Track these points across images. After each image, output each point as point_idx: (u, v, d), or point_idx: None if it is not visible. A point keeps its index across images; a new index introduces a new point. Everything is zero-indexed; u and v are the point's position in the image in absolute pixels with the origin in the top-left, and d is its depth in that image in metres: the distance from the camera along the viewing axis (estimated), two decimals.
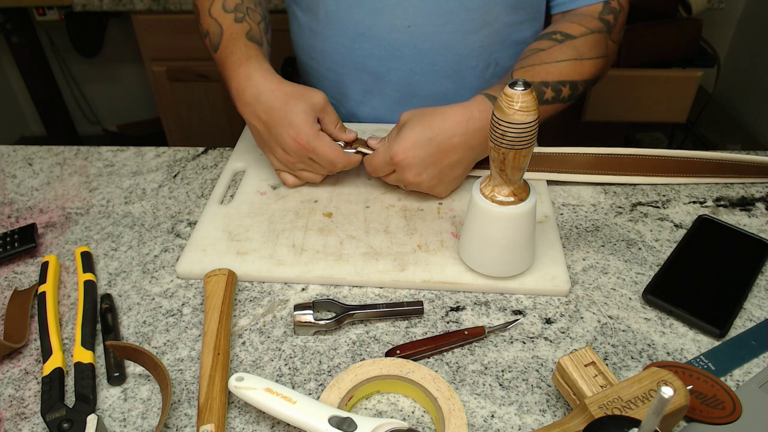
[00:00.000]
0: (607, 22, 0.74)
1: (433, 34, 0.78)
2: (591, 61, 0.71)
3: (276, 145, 0.69)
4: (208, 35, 0.75)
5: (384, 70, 0.82)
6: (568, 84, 0.69)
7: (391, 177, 0.69)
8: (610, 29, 0.74)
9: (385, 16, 0.77)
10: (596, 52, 0.71)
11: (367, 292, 0.61)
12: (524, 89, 0.48)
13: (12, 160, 0.82)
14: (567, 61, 0.69)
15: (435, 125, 0.64)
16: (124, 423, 0.50)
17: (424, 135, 0.64)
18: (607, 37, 0.73)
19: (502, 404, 0.50)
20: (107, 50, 2.33)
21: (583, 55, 0.70)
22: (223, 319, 0.55)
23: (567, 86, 0.69)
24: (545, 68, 0.69)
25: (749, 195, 0.73)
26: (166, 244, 0.68)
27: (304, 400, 0.46)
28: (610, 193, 0.73)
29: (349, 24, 0.79)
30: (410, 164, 0.65)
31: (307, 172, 0.71)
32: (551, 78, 0.68)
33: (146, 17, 1.67)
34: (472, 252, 0.60)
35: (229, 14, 0.75)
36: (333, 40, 0.82)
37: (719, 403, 0.48)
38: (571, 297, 0.60)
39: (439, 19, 0.76)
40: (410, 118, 0.66)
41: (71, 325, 0.58)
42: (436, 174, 0.66)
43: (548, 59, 0.69)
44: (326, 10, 0.79)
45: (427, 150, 0.64)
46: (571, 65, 0.69)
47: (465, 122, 0.65)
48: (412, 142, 0.64)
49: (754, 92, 2.03)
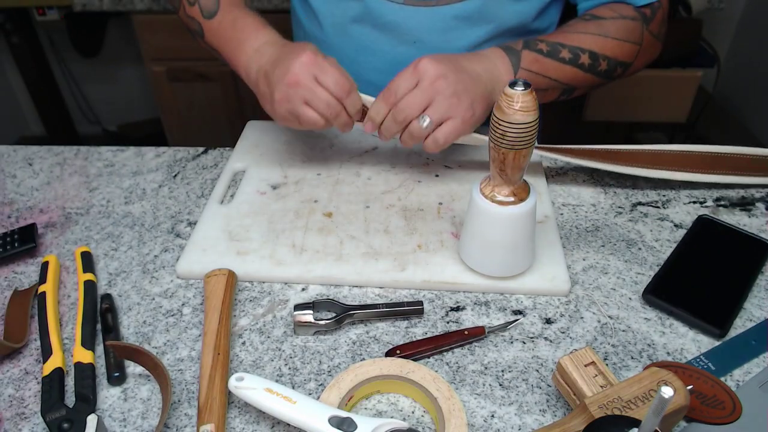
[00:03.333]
0: (644, 13, 0.72)
1: (438, 50, 0.76)
2: (617, 42, 0.69)
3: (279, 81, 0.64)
4: (198, 3, 0.73)
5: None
6: (588, 52, 0.68)
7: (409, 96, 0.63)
8: (646, 20, 0.72)
9: (390, 31, 0.77)
10: (625, 35, 0.70)
11: (367, 292, 0.61)
12: (524, 89, 0.48)
13: (12, 160, 0.82)
14: (588, 34, 0.68)
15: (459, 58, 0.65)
16: (124, 423, 0.50)
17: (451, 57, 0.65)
18: (642, 27, 0.71)
19: (502, 404, 0.50)
20: (107, 50, 2.32)
21: (608, 33, 0.68)
22: (223, 319, 0.55)
23: (586, 54, 0.68)
24: (563, 35, 0.68)
25: (749, 195, 0.73)
26: (166, 244, 0.68)
27: (304, 400, 0.46)
28: (610, 193, 0.73)
29: (353, 37, 0.79)
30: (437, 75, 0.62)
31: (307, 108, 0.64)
32: (569, 42, 0.67)
33: (146, 17, 1.67)
34: (472, 252, 0.60)
35: None
36: (337, 52, 0.81)
37: (719, 403, 0.48)
38: (571, 297, 0.60)
39: (444, 35, 0.76)
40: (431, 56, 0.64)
41: (71, 325, 0.58)
42: (459, 80, 0.63)
43: (569, 30, 0.69)
44: (332, 22, 0.79)
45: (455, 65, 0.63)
46: (592, 38, 0.68)
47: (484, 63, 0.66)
48: (438, 58, 0.63)
49: (754, 92, 2.03)
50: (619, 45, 0.69)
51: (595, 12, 0.72)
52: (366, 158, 0.78)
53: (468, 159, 0.78)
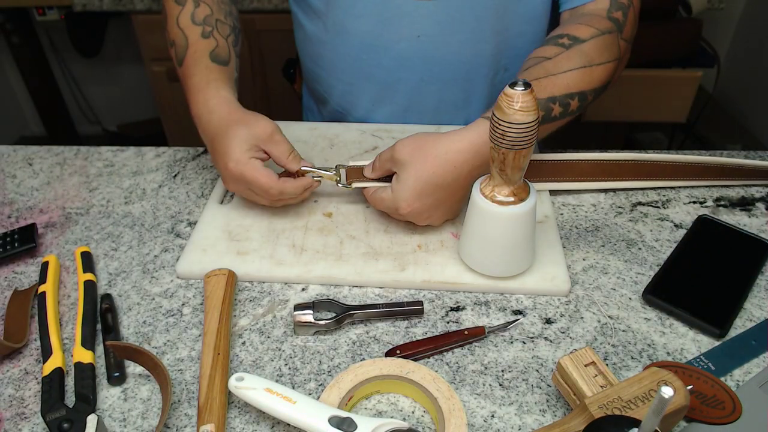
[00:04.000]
0: (617, 20, 0.69)
1: (442, 43, 0.77)
2: (602, 67, 0.65)
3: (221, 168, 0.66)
4: (174, 45, 0.72)
5: (393, 80, 0.81)
6: (577, 96, 0.64)
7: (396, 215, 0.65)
8: (620, 28, 0.69)
9: (394, 26, 0.76)
10: (607, 56, 0.66)
11: (367, 292, 0.61)
12: (524, 89, 0.48)
13: (12, 160, 0.82)
14: (575, 71, 0.63)
15: (438, 169, 0.59)
16: (124, 423, 0.50)
17: (429, 182, 0.60)
18: (618, 37, 0.68)
19: (502, 404, 0.50)
20: (107, 50, 2.32)
21: (593, 61, 0.64)
22: (223, 319, 0.55)
23: (576, 98, 0.64)
24: (552, 81, 0.63)
25: (749, 195, 0.73)
26: (166, 244, 0.68)
27: (304, 400, 0.46)
28: (610, 193, 0.73)
29: (357, 34, 0.78)
30: (418, 213, 0.62)
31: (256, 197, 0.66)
32: (558, 91, 0.63)
33: (146, 17, 1.67)
34: (472, 252, 0.60)
35: (197, 27, 0.71)
36: (341, 49, 0.81)
37: (719, 403, 0.48)
38: (571, 297, 0.60)
39: (449, 28, 0.76)
40: (409, 159, 0.60)
41: (71, 325, 0.58)
42: (447, 210, 0.64)
43: (555, 70, 0.63)
44: (334, 20, 0.79)
45: (434, 196, 0.61)
46: (579, 74, 0.64)
47: (472, 158, 0.60)
48: (415, 192, 0.60)
49: (754, 92, 2.03)
50: (604, 69, 0.66)
51: (574, 32, 0.67)
52: (366, 158, 0.78)
53: None
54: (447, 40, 0.76)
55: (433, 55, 0.78)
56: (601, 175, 0.72)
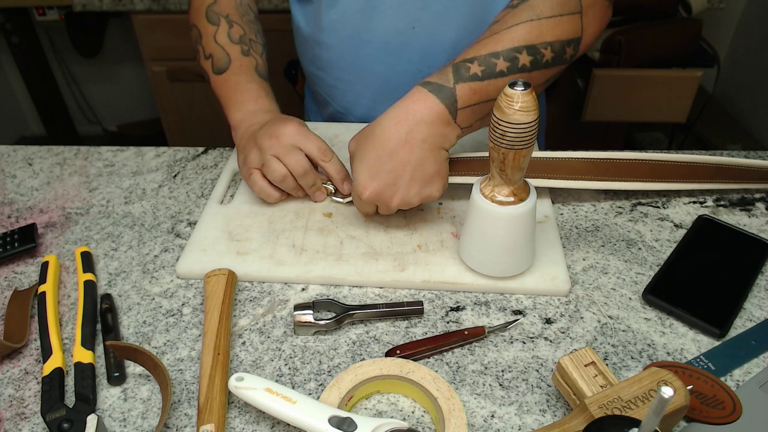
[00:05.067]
0: None
1: (438, 33, 0.77)
2: (554, 20, 0.61)
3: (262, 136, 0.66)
4: (212, 58, 0.76)
5: (392, 74, 0.82)
6: (525, 49, 0.60)
7: (383, 209, 0.64)
8: None
9: (388, 18, 0.77)
10: (560, 9, 0.62)
11: (367, 292, 0.61)
12: (524, 89, 0.48)
13: (12, 160, 0.82)
14: (520, 24, 0.61)
15: (376, 142, 0.60)
16: (124, 423, 0.50)
17: (372, 157, 0.60)
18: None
19: (502, 404, 0.50)
20: (107, 50, 2.33)
21: (542, 15, 0.61)
22: (223, 319, 0.55)
23: (523, 51, 0.60)
24: (496, 38, 0.60)
25: (749, 195, 0.73)
26: (166, 244, 0.68)
27: (304, 400, 0.46)
28: (610, 193, 0.73)
29: (352, 30, 0.79)
30: (380, 192, 0.61)
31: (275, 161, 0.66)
32: (502, 47, 0.60)
33: (146, 17, 1.67)
34: (472, 252, 0.60)
35: (236, 45, 0.76)
36: (338, 48, 0.81)
37: (719, 403, 0.48)
38: (571, 297, 0.60)
39: (443, 17, 0.76)
40: (355, 148, 0.63)
41: (71, 325, 0.58)
42: (410, 181, 0.61)
43: (500, 28, 0.61)
44: (329, 19, 0.79)
45: (384, 169, 0.60)
46: (525, 27, 0.61)
47: (403, 121, 0.60)
48: (367, 172, 0.61)
49: (754, 92, 2.03)
50: (557, 22, 0.62)
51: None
52: None
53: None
54: (442, 29, 0.77)
55: (429, 46, 0.78)
56: (600, 174, 0.72)
